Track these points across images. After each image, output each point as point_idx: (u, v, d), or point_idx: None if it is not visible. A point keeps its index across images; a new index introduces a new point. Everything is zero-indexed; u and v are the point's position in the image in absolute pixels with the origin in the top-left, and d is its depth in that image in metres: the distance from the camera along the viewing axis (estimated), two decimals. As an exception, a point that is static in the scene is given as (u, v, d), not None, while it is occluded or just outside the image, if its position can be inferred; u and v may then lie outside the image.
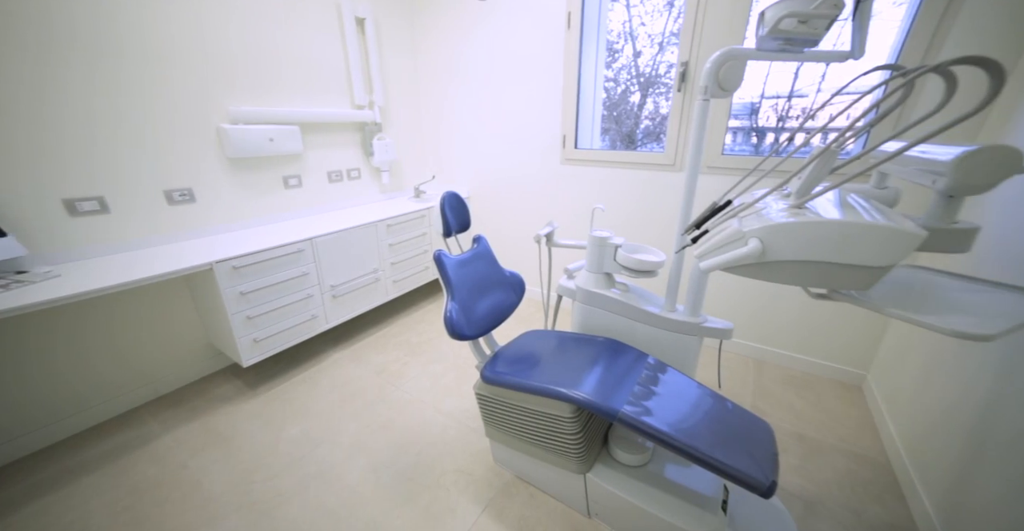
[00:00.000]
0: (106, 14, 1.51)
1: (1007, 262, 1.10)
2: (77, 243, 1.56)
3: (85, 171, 1.54)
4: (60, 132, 1.46)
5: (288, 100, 2.12)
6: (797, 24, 0.94)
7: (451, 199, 1.35)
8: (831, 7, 0.90)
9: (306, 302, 1.96)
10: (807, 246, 0.72)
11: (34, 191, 1.44)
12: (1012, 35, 1.29)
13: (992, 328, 0.59)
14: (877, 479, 1.37)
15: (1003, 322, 0.60)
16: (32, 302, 1.19)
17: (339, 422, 1.67)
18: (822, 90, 1.88)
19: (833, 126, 0.97)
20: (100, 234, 1.61)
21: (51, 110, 1.43)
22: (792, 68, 1.88)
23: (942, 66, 0.58)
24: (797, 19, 0.93)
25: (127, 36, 1.56)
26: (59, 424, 1.60)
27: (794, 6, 0.93)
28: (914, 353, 1.47)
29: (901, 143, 0.79)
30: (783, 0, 0.96)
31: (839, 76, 1.78)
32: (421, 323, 2.52)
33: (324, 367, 2.06)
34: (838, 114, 0.92)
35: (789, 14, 0.92)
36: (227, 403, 1.80)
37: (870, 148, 0.86)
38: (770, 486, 0.85)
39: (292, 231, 1.98)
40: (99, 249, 1.61)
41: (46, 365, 1.54)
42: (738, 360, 2.07)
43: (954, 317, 0.64)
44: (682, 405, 1.08)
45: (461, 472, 1.41)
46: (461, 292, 1.24)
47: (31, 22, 1.37)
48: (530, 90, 2.35)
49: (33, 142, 1.42)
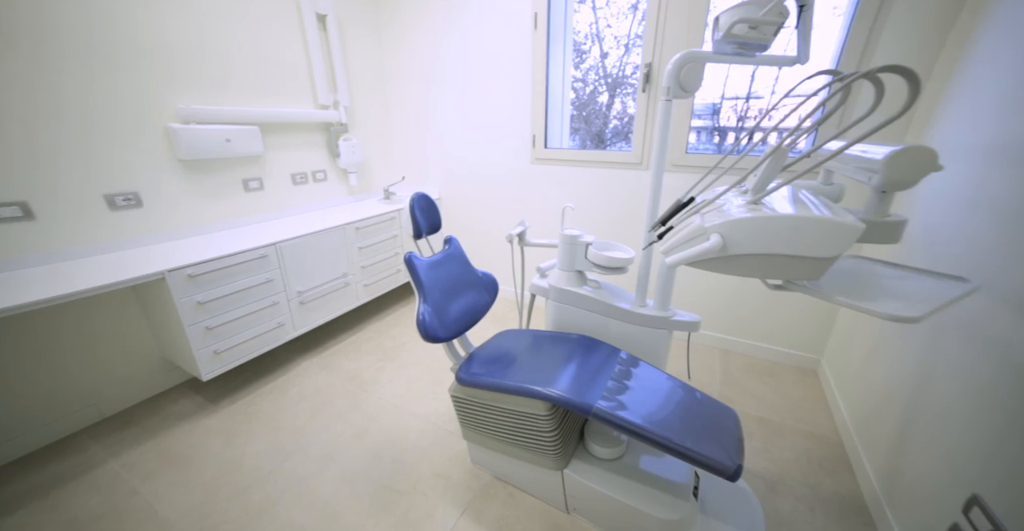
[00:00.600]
0: (32, 1, 1.38)
1: (930, 250, 1.21)
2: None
3: (3, 174, 1.38)
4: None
5: (246, 99, 2.02)
6: (748, 29, 0.99)
7: (420, 200, 1.33)
8: (777, 15, 0.96)
9: (272, 310, 1.87)
10: (763, 240, 0.76)
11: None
12: (929, 44, 1.42)
13: (918, 311, 0.65)
14: (830, 455, 1.46)
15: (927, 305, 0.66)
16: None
17: (310, 433, 1.61)
18: (776, 92, 1.99)
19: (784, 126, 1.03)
20: (23, 243, 1.45)
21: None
22: (749, 71, 1.98)
23: (871, 73, 0.63)
24: (748, 25, 0.98)
25: (57, 26, 1.44)
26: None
27: (745, 13, 0.98)
28: (860, 337, 1.58)
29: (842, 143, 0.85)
30: (735, 7, 1.01)
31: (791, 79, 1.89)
32: (394, 327, 2.47)
33: (293, 376, 1.98)
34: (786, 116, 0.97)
35: (740, 20, 0.97)
36: (185, 420, 1.69)
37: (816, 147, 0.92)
38: (736, 470, 0.89)
39: (255, 236, 1.89)
40: (25, 260, 1.45)
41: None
42: (706, 351, 2.16)
43: (888, 302, 0.70)
44: (654, 398, 1.12)
45: (439, 476, 1.40)
46: (433, 294, 1.23)
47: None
48: (499, 90, 2.35)
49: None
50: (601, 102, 2.43)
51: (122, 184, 1.66)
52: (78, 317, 1.60)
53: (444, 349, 1.29)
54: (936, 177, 1.23)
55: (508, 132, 2.41)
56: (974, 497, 0.86)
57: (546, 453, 1.17)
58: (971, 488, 0.87)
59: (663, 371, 1.25)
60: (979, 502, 0.84)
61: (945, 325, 1.07)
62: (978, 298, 0.95)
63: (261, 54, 2.04)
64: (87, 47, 1.51)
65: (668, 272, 1.28)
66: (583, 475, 1.17)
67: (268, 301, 1.84)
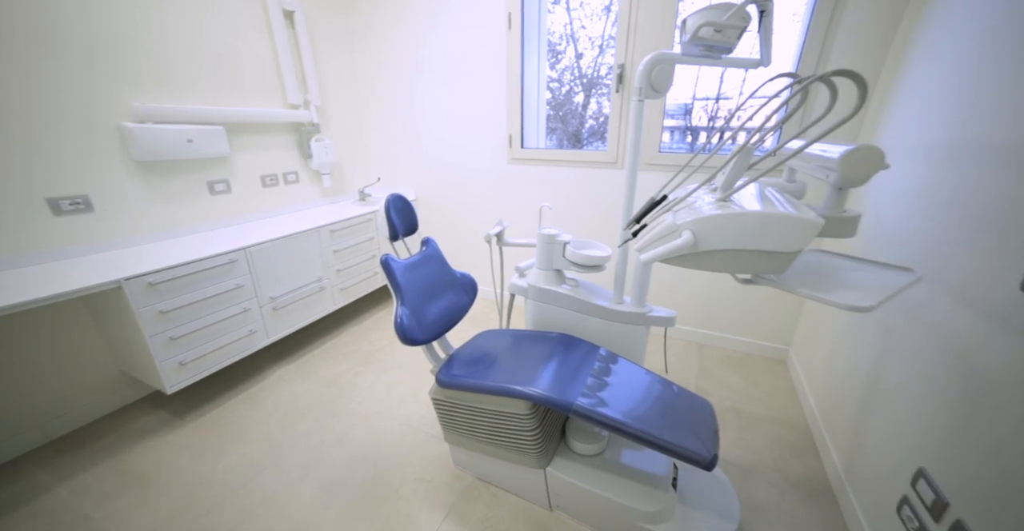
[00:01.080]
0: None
1: (882, 243, 1.29)
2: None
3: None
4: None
5: (209, 98, 1.93)
6: (713, 33, 1.02)
7: (396, 201, 1.31)
8: (739, 19, 0.99)
9: (243, 317, 1.80)
10: (732, 236, 0.78)
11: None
12: (876, 48, 1.51)
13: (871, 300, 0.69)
14: (799, 441, 1.53)
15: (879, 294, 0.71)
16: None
17: (286, 442, 1.56)
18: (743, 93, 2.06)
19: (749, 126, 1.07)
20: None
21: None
22: (718, 73, 2.05)
23: (824, 76, 0.67)
24: (713, 28, 1.01)
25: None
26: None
27: (710, 16, 1.01)
28: (824, 327, 1.66)
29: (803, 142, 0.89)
30: (701, 11, 1.04)
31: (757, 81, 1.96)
32: (373, 331, 2.42)
33: (267, 385, 1.91)
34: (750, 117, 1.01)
35: (706, 23, 1.00)
36: (147, 437, 1.60)
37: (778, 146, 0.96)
38: (712, 460, 0.92)
39: (222, 241, 1.81)
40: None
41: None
42: (682, 345, 2.22)
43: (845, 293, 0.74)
44: (633, 393, 1.14)
45: (421, 480, 1.38)
46: (411, 296, 1.21)
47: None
48: (475, 90, 2.34)
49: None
50: (577, 102, 2.46)
51: (68, 187, 1.54)
52: (20, 332, 1.47)
53: (423, 351, 1.28)
54: (885, 175, 1.31)
55: (485, 132, 2.40)
56: (920, 470, 0.92)
57: (528, 452, 1.18)
58: (918, 463, 0.94)
59: (641, 366, 1.28)
60: (924, 475, 0.91)
61: (896, 313, 1.14)
62: (923, 287, 1.02)
63: (225, 51, 1.97)
64: (27, 35, 1.40)
65: (644, 269, 1.31)
66: (565, 472, 1.18)
67: (239, 308, 1.77)
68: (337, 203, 2.67)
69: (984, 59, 0.99)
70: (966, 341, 0.86)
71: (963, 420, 0.84)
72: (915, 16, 1.37)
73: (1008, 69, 0.90)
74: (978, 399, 0.81)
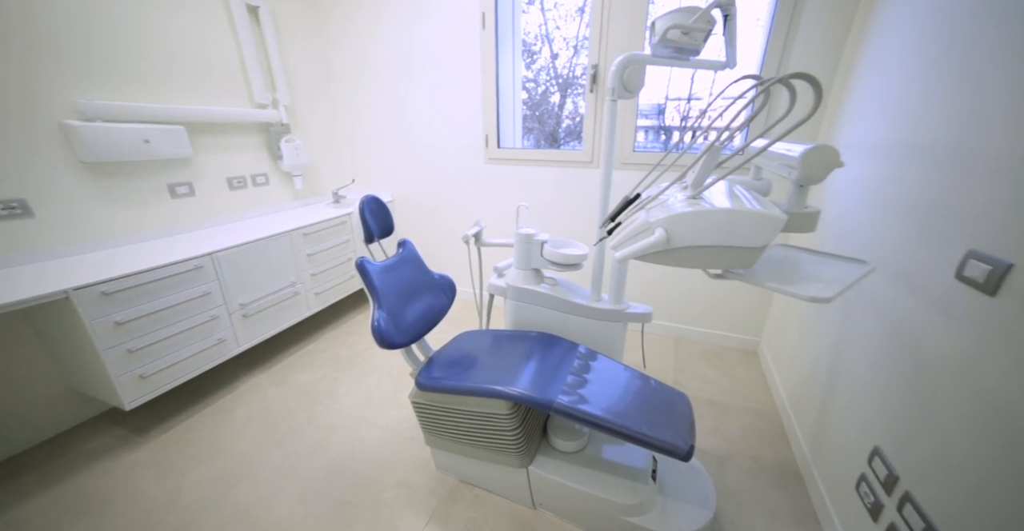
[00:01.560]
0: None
1: (839, 236, 1.36)
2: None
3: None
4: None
5: (168, 96, 1.84)
6: (681, 35, 1.05)
7: (371, 203, 1.28)
8: (705, 22, 1.03)
9: (210, 325, 1.72)
10: (703, 232, 0.81)
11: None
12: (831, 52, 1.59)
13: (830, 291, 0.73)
14: (770, 428, 1.59)
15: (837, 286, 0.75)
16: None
17: (260, 454, 1.50)
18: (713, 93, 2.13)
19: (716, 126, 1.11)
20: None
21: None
22: (689, 74, 2.10)
23: (783, 79, 0.69)
24: (680, 30, 1.04)
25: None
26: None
27: (677, 19, 1.04)
28: (791, 318, 1.73)
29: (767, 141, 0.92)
30: (669, 13, 1.07)
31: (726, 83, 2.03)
32: (350, 335, 2.36)
33: (239, 395, 1.84)
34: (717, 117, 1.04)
35: (673, 25, 1.03)
36: (102, 458, 1.48)
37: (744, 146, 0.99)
38: (688, 451, 0.95)
39: (187, 246, 1.73)
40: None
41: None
42: (660, 340, 2.27)
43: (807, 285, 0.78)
44: (612, 389, 1.15)
45: (403, 485, 1.36)
46: (388, 299, 1.19)
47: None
48: (450, 90, 2.33)
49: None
50: (553, 102, 2.48)
51: (1, 190, 1.40)
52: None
53: (403, 355, 1.26)
54: (840, 173, 1.39)
55: (461, 132, 2.39)
56: (875, 449, 0.98)
57: (510, 451, 1.18)
58: (874, 442, 1.00)
59: (620, 362, 1.30)
60: (879, 453, 0.96)
61: (855, 302, 1.20)
62: (875, 277, 1.08)
63: (184, 47, 1.87)
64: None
65: (620, 267, 1.33)
66: (547, 470, 1.19)
67: (206, 316, 1.70)
68: (310, 205, 2.60)
69: (920, 63, 1.06)
70: (911, 327, 0.92)
71: (911, 399, 0.90)
72: (863, 23, 1.45)
73: (937, 73, 0.97)
74: (922, 380, 0.87)
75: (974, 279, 0.75)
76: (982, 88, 0.82)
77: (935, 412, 0.82)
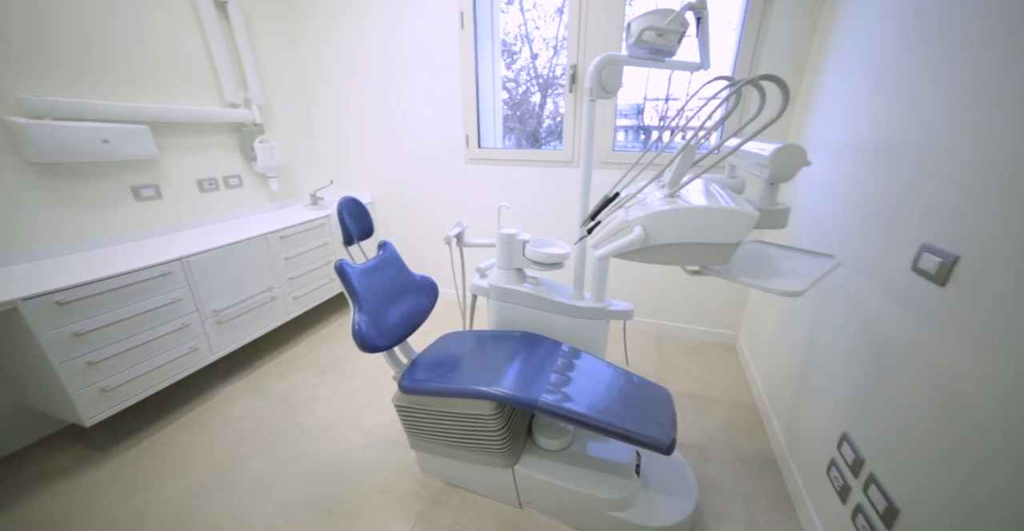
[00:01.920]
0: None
1: (808, 232, 1.41)
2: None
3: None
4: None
5: (129, 94, 1.75)
6: (656, 36, 1.07)
7: (349, 205, 1.26)
8: (678, 24, 1.05)
9: (182, 333, 1.66)
10: (680, 229, 0.82)
11: None
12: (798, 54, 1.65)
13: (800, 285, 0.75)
14: (748, 419, 1.64)
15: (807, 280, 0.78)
16: None
17: (237, 465, 1.45)
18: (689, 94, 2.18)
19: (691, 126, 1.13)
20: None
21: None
22: (666, 74, 2.14)
23: (753, 80, 0.72)
24: (655, 32, 1.06)
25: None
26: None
27: (652, 21, 1.06)
28: (766, 312, 1.79)
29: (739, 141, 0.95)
30: (643, 15, 1.08)
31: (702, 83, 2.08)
32: (331, 339, 2.31)
33: (213, 405, 1.77)
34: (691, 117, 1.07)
35: (648, 27, 1.05)
36: (58, 480, 1.38)
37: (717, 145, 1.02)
38: (670, 445, 0.97)
39: (154, 251, 1.65)
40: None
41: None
42: (642, 336, 2.30)
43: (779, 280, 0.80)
44: (596, 386, 1.17)
45: (387, 491, 1.34)
46: (369, 302, 1.17)
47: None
48: (429, 90, 2.30)
49: None
50: (534, 102, 2.48)
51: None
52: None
53: (385, 358, 1.24)
54: (808, 171, 1.44)
55: (441, 132, 2.37)
56: (844, 434, 1.02)
57: (496, 452, 1.18)
58: (843, 428, 1.04)
59: (603, 360, 1.31)
60: (847, 438, 1.01)
61: (824, 295, 1.25)
62: (841, 270, 1.13)
63: (146, 43, 1.79)
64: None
65: (602, 265, 1.34)
66: (533, 469, 1.19)
67: (176, 323, 1.63)
68: (287, 207, 2.53)
69: (876, 67, 1.12)
70: (875, 317, 0.97)
71: (874, 386, 0.94)
72: (825, 29, 1.51)
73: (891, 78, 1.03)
74: (884, 367, 0.91)
75: (927, 271, 0.79)
76: (926, 94, 0.87)
77: (896, 397, 0.87)
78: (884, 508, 0.84)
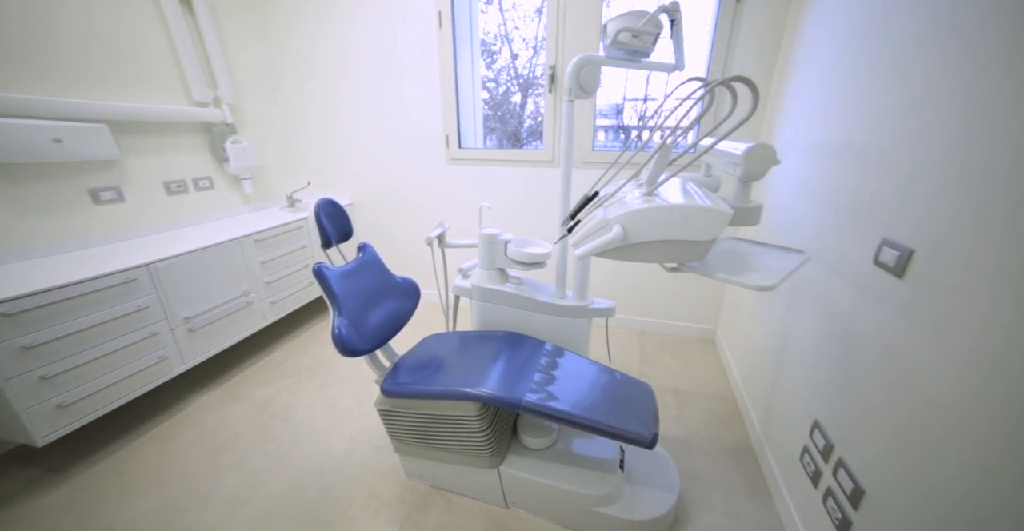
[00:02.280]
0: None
1: (780, 228, 1.46)
2: None
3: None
4: None
5: (85, 90, 1.65)
6: (631, 37, 1.09)
7: (327, 206, 1.23)
8: (653, 26, 1.07)
9: (149, 342, 1.58)
10: (658, 227, 0.84)
11: None
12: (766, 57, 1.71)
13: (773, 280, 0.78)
14: (727, 411, 1.69)
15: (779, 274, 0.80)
16: None
17: (212, 478, 1.39)
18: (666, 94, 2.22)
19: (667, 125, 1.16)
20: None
21: None
22: (644, 75, 2.18)
23: (724, 81, 0.74)
24: (631, 33, 1.08)
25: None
26: None
27: (627, 22, 1.08)
28: (743, 306, 1.85)
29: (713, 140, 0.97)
30: (619, 17, 1.10)
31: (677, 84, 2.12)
32: (312, 344, 2.26)
33: (185, 417, 1.70)
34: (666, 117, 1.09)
35: (623, 28, 1.06)
36: (7, 505, 1.28)
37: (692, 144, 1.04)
38: (652, 439, 0.98)
39: (118, 257, 1.57)
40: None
41: None
42: (624, 333, 2.34)
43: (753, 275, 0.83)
44: (579, 384, 1.18)
45: (372, 497, 1.31)
46: (349, 305, 1.15)
47: None
48: (408, 89, 2.27)
49: None
50: (515, 102, 2.48)
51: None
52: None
53: (367, 362, 1.22)
54: (778, 169, 1.49)
55: (420, 132, 2.34)
56: (815, 422, 1.07)
57: (481, 453, 1.17)
58: (814, 416, 1.08)
59: (586, 357, 1.33)
60: (818, 425, 1.05)
61: (796, 289, 1.30)
62: (812, 265, 1.18)
63: (103, 36, 1.69)
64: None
65: (583, 264, 1.35)
66: (519, 468, 1.19)
67: (143, 332, 1.55)
68: (262, 210, 2.45)
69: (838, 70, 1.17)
70: (842, 308, 1.01)
71: (842, 374, 0.99)
72: (792, 31, 1.57)
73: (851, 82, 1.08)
74: (850, 356, 0.96)
75: (887, 264, 0.83)
76: (882, 97, 0.92)
77: (860, 384, 0.91)
78: (851, 490, 0.88)
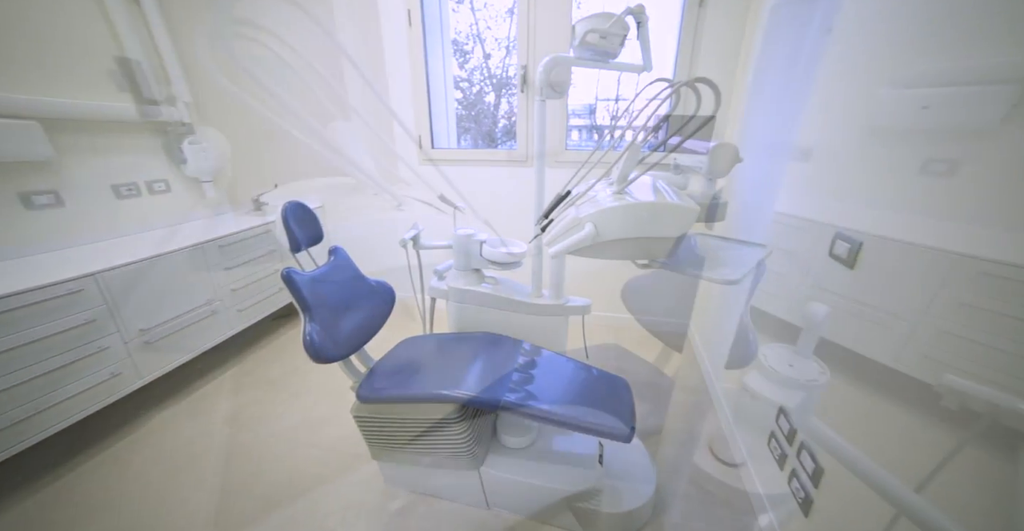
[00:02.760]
0: None
1: (742, 224, 1.53)
2: None
3: None
4: None
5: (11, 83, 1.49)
6: (599, 39, 1.10)
7: (295, 210, 1.19)
8: (620, 27, 1.09)
9: (99, 357, 1.47)
10: (628, 225, 0.85)
11: None
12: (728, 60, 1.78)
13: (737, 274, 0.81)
14: (699, 401, 1.75)
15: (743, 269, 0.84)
16: None
17: (174, 499, 1.31)
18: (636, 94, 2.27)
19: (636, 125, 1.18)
20: None
21: None
22: (616, 76, 2.22)
23: (688, 83, 0.76)
24: (599, 34, 1.09)
25: None
26: None
27: (594, 24, 1.09)
28: (713, 299, 1.91)
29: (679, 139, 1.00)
30: (587, 18, 1.11)
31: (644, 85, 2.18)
32: (283, 352, 2.17)
33: (144, 435, 1.59)
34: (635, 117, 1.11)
35: (591, 30, 1.07)
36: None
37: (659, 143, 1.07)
38: (630, 433, 1.00)
39: (57, 267, 1.45)
40: None
41: None
42: (601, 330, 2.38)
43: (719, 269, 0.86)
44: (557, 381, 1.18)
45: (350, 507, 1.27)
46: (320, 311, 1.11)
47: None
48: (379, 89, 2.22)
49: None
50: (489, 102, 2.48)
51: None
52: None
53: (341, 368, 1.18)
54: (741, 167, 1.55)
55: (393, 132, 2.29)
56: (781, 408, 1.12)
57: (461, 455, 1.16)
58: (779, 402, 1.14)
59: (563, 355, 1.34)
60: (784, 411, 1.10)
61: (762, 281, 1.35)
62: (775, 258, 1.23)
63: (34, 24, 1.54)
64: None
65: (559, 262, 1.36)
66: (499, 468, 1.19)
67: (92, 347, 1.44)
68: (226, 214, 2.33)
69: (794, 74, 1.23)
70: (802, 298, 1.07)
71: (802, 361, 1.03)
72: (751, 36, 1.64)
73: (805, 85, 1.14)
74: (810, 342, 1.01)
75: (840, 256, 0.89)
76: (827, 101, 0.97)
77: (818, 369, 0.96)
78: (812, 469, 0.93)
